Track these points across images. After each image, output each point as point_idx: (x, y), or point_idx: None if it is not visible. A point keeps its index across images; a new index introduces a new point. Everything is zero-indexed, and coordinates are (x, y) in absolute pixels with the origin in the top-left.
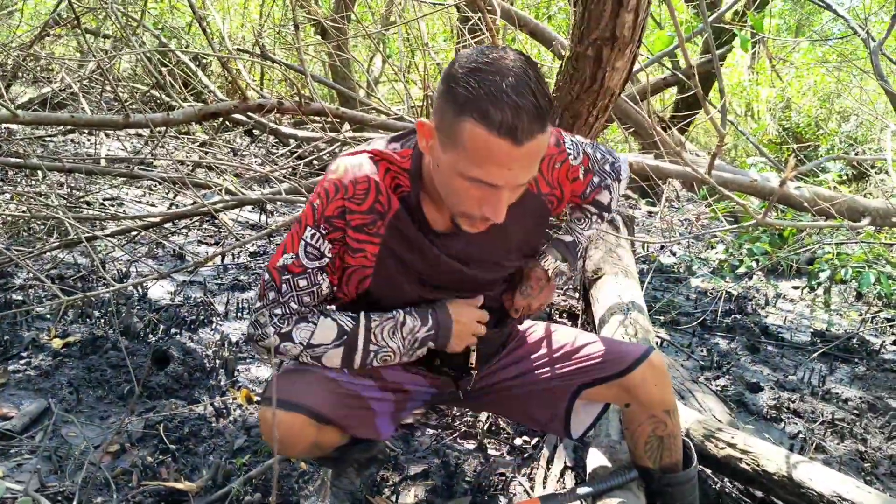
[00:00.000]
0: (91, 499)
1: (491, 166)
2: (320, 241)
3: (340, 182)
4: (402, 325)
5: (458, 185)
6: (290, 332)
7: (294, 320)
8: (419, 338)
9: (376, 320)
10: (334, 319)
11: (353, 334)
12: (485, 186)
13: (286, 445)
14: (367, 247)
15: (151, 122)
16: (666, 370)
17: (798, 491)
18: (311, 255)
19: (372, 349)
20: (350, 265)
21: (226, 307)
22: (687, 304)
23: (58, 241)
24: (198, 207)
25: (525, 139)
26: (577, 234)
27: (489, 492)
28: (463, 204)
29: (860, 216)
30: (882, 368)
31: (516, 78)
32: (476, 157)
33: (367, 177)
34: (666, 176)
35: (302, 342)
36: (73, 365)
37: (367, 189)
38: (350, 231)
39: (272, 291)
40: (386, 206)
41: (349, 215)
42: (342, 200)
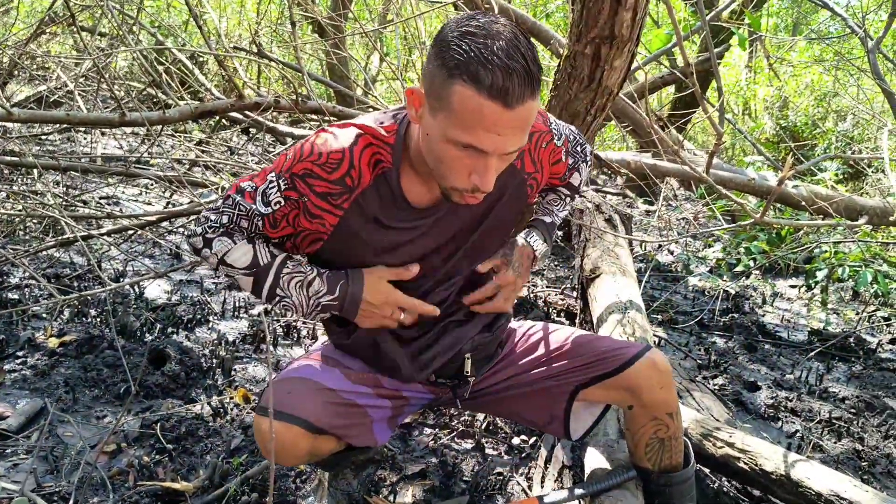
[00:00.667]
0: (87, 499)
1: (481, 131)
2: (274, 192)
3: (317, 147)
4: (309, 285)
5: (447, 153)
6: (212, 240)
7: (220, 231)
8: (322, 303)
9: (289, 267)
10: (254, 247)
11: (264, 271)
12: (474, 153)
13: (281, 456)
14: (327, 216)
15: (147, 120)
16: (670, 372)
17: (796, 490)
18: (264, 198)
19: (278, 293)
20: (305, 228)
21: (223, 306)
22: (684, 303)
23: (54, 239)
24: (194, 206)
25: (516, 103)
26: (555, 216)
27: (487, 491)
28: (452, 173)
29: (858, 215)
30: (879, 367)
31: (507, 42)
32: (466, 120)
33: (342, 149)
34: (664, 174)
35: (217, 254)
36: (69, 364)
37: (340, 160)
38: (312, 196)
39: (220, 200)
40: (356, 182)
41: (314, 180)
42: (311, 164)
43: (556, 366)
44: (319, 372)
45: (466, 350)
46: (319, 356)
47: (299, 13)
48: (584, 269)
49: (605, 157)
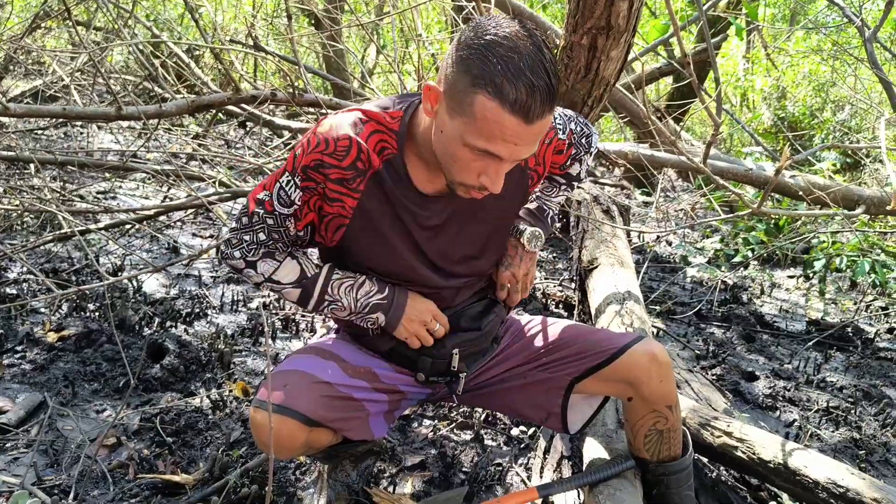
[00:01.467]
0: (88, 492)
1: (498, 141)
2: (293, 189)
3: (323, 136)
4: (360, 286)
5: (460, 154)
6: (256, 262)
7: (261, 253)
8: (371, 302)
9: (338, 274)
10: (299, 262)
11: (313, 281)
12: (488, 157)
13: (278, 449)
14: (346, 199)
15: (144, 114)
16: (670, 365)
17: (793, 478)
18: (282, 200)
19: (326, 298)
20: (328, 213)
21: (221, 300)
22: (683, 293)
23: (51, 234)
24: (192, 200)
25: (536, 119)
26: (544, 201)
27: (486, 482)
28: (462, 172)
29: (855, 205)
30: (876, 357)
31: (532, 57)
32: (485, 130)
33: (348, 136)
34: (661, 165)
35: (264, 274)
36: (68, 358)
37: (349, 147)
38: (329, 183)
39: (245, 217)
40: (367, 165)
41: (327, 169)
42: (320, 154)
43: (549, 359)
44: (316, 365)
45: (453, 346)
46: (317, 350)
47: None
48: (582, 261)
49: (603, 149)
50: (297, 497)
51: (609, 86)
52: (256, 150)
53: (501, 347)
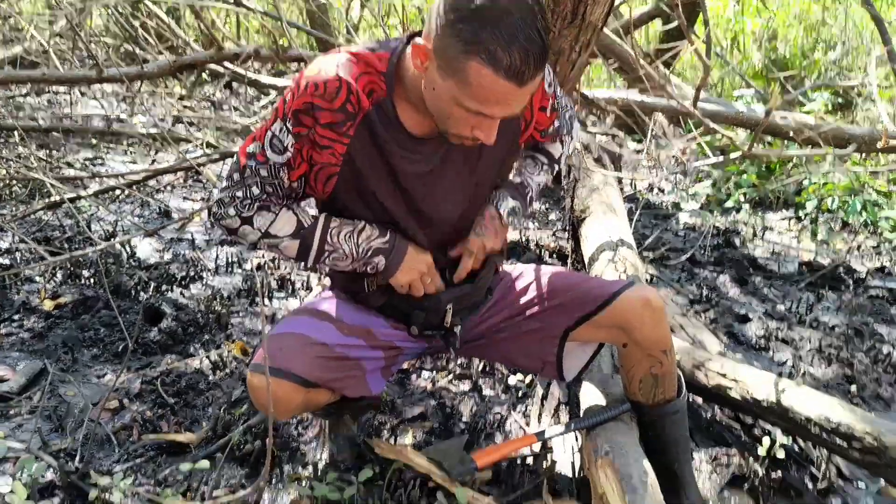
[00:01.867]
0: (94, 454)
1: (492, 104)
2: (285, 135)
3: (312, 80)
4: (360, 231)
5: (453, 112)
6: (251, 217)
7: (256, 207)
8: (373, 246)
9: (335, 221)
10: (295, 213)
11: (311, 231)
12: (480, 116)
13: (276, 410)
14: (336, 146)
15: (125, 76)
16: (664, 310)
17: (786, 415)
18: (275, 147)
19: (326, 248)
20: (317, 162)
21: (215, 262)
22: (676, 240)
23: (41, 202)
24: (180, 162)
25: (529, 81)
26: (527, 177)
27: (485, 431)
28: (455, 126)
29: (846, 143)
30: (868, 295)
31: (524, 16)
32: (479, 95)
33: (338, 77)
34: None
35: (260, 229)
36: (65, 325)
37: (339, 88)
38: (318, 128)
39: (236, 173)
40: (356, 108)
41: (318, 112)
42: (311, 97)
43: (542, 308)
44: (310, 326)
45: (447, 301)
46: (311, 311)
47: None
48: (574, 210)
49: (592, 96)
50: (299, 452)
51: (596, 31)
52: (243, 111)
53: (495, 299)
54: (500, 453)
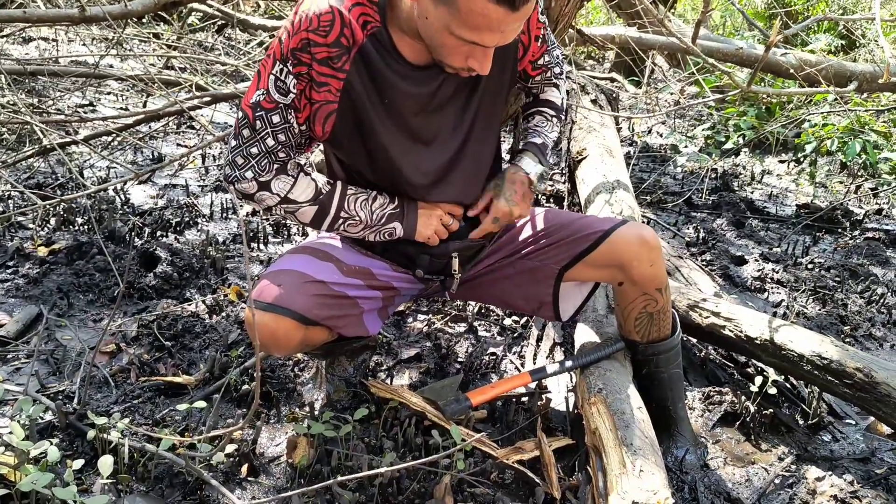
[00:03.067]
0: (91, 396)
1: (485, 31)
2: (287, 76)
3: (305, 14)
4: (374, 200)
5: (446, 41)
6: (270, 181)
7: (274, 168)
8: (386, 213)
9: (351, 189)
10: (313, 179)
11: (329, 197)
12: (474, 45)
13: (275, 346)
14: (332, 81)
15: (109, 14)
16: (660, 248)
17: (779, 353)
18: (280, 89)
19: (342, 215)
20: (316, 101)
21: (210, 208)
22: (674, 183)
23: (31, 148)
24: (170, 105)
25: (522, 6)
26: (545, 136)
27: (481, 371)
28: (450, 56)
29: (847, 81)
30: (864, 237)
31: None
32: (471, 22)
33: (331, 7)
34: (650, 47)
35: (279, 194)
36: (60, 271)
37: (332, 20)
38: (315, 64)
39: (246, 129)
40: (351, 41)
41: (314, 48)
42: (306, 33)
43: (537, 247)
44: (311, 265)
45: (454, 249)
46: (312, 250)
47: None
48: (571, 152)
49: (589, 33)
50: (296, 392)
51: None
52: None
53: (493, 240)
54: (494, 392)
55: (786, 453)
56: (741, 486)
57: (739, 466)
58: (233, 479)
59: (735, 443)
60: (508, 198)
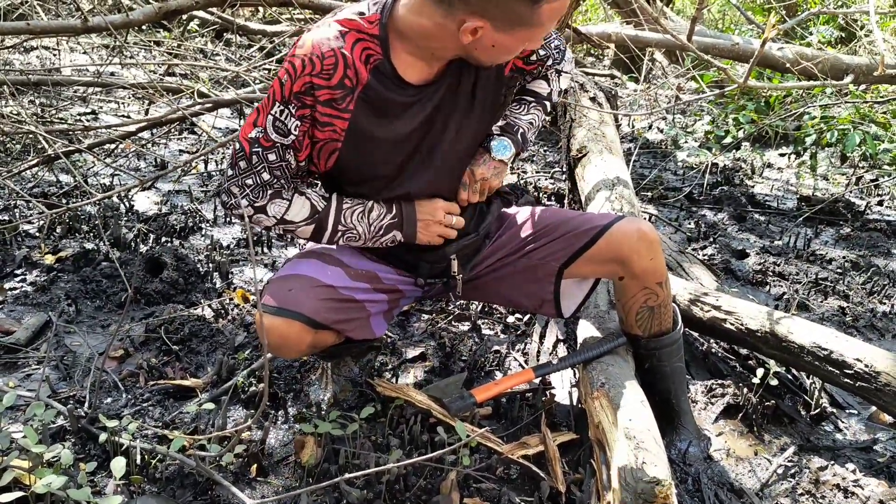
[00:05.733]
0: (101, 400)
1: (555, 20)
2: (288, 118)
3: (307, 57)
4: (370, 211)
5: (518, 48)
6: (265, 206)
7: (269, 194)
8: (384, 224)
9: (347, 203)
10: (308, 198)
11: (325, 214)
12: None
13: (285, 350)
14: (336, 122)
15: (111, 24)
16: (658, 242)
17: (780, 345)
18: (279, 130)
19: (340, 229)
20: (319, 139)
21: (214, 213)
22: (674, 178)
23: (36, 157)
24: (172, 112)
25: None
26: (513, 118)
27: (485, 368)
28: (508, 56)
29: (843, 74)
30: (866, 228)
31: None
32: (549, 23)
33: (333, 50)
34: (646, 45)
35: (276, 216)
36: (67, 278)
37: (335, 63)
38: (319, 106)
39: (243, 161)
40: (354, 81)
41: (317, 91)
42: (309, 77)
43: (536, 245)
44: (319, 269)
45: (452, 252)
46: (319, 254)
47: None
48: (571, 150)
49: (586, 31)
50: (303, 393)
51: None
52: (234, 60)
53: (492, 240)
54: (498, 389)
55: (788, 444)
56: (744, 477)
57: (742, 458)
58: (242, 479)
59: (738, 434)
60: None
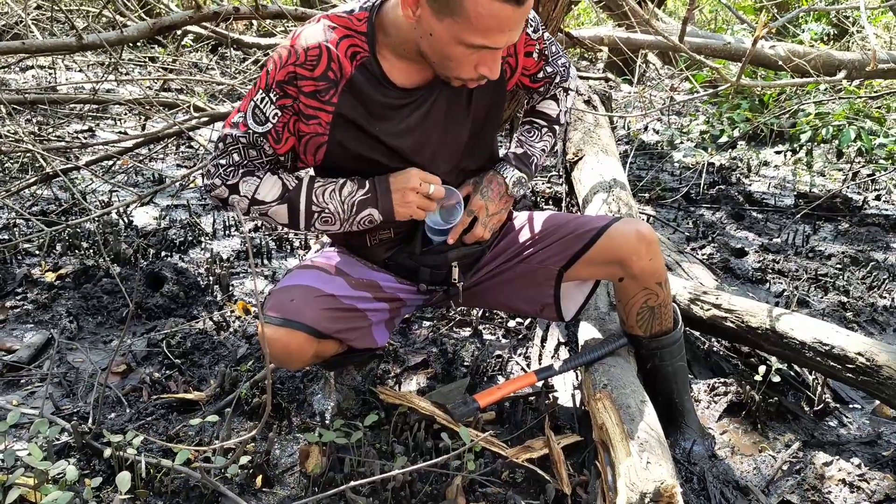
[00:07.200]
0: (105, 416)
1: (494, 33)
2: (268, 106)
3: (293, 48)
4: (341, 188)
5: (456, 53)
6: (237, 184)
7: (241, 173)
8: (356, 200)
9: (319, 181)
10: (280, 177)
11: (296, 192)
12: (484, 51)
13: (287, 361)
14: (321, 115)
15: (106, 41)
16: (657, 242)
17: (781, 341)
18: (257, 118)
19: (314, 209)
20: (305, 133)
21: (213, 226)
22: (671, 179)
23: (34, 176)
24: (169, 127)
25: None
26: (528, 147)
27: (487, 373)
28: (459, 69)
29: (836, 70)
30: (865, 223)
31: None
32: (480, 26)
33: (319, 44)
34: (639, 47)
35: (247, 195)
36: (68, 296)
37: (319, 56)
38: (303, 97)
39: (221, 142)
40: (339, 74)
41: (300, 81)
42: (293, 66)
43: (535, 250)
44: (320, 279)
45: (453, 258)
46: (320, 264)
47: None
48: (567, 153)
49: (578, 35)
50: (306, 403)
51: None
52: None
53: (491, 246)
54: (501, 393)
55: (793, 440)
56: (750, 474)
57: (747, 455)
58: (248, 491)
59: (742, 432)
60: (485, 194)
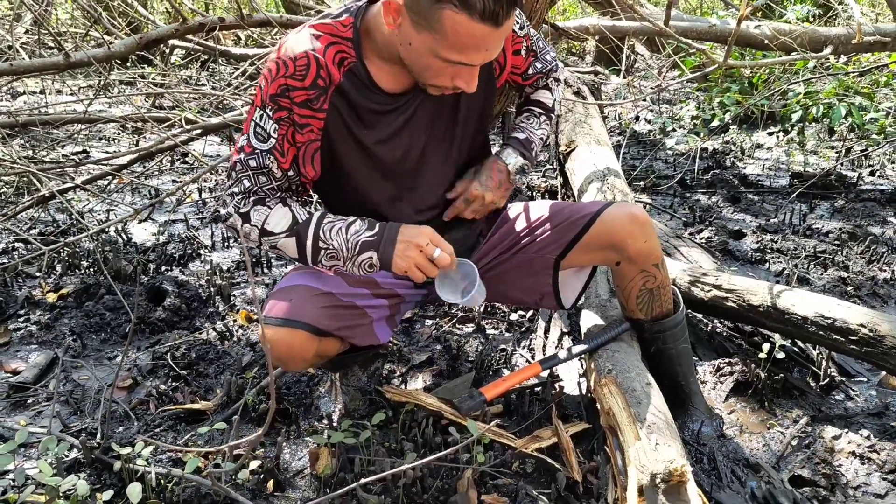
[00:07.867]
0: (114, 430)
1: (471, 51)
2: (267, 122)
3: (280, 60)
4: (349, 226)
5: (433, 65)
6: (248, 212)
7: (252, 201)
8: (360, 240)
9: (329, 217)
10: (290, 209)
11: (304, 226)
12: (461, 65)
13: (289, 361)
14: (313, 122)
15: (93, 58)
16: (650, 223)
17: (783, 318)
18: (259, 136)
19: (321, 245)
20: (300, 143)
21: (211, 239)
22: (665, 167)
23: (31, 198)
24: (162, 141)
25: (504, 21)
26: (529, 133)
27: (492, 367)
28: (436, 78)
29: (822, 46)
30: (860, 199)
31: None
32: (457, 43)
33: (305, 52)
34: (625, 34)
35: (257, 225)
36: (71, 314)
37: (307, 64)
38: (296, 108)
39: (233, 171)
40: (328, 81)
41: (292, 92)
42: (283, 78)
43: (530, 239)
44: (317, 278)
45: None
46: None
47: None
48: (560, 145)
49: (563, 27)
50: (313, 406)
51: None
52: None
53: (486, 239)
54: (507, 385)
55: (800, 416)
56: (759, 451)
57: (756, 433)
58: (260, 496)
59: (749, 411)
60: (483, 182)
